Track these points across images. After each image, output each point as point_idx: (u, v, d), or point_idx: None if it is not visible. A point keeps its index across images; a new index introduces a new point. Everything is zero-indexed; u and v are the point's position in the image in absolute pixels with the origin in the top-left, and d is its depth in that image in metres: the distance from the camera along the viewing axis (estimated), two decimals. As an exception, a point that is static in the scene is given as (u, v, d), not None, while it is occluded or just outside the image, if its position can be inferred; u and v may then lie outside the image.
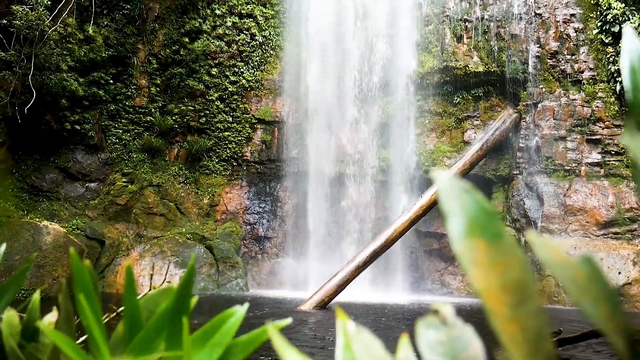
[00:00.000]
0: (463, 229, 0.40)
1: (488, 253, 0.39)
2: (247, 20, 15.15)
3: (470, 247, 0.40)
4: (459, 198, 0.41)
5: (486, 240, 0.40)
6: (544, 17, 13.66)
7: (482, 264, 0.39)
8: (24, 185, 13.38)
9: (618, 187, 12.77)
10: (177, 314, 0.59)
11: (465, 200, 0.41)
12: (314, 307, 10.10)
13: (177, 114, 14.84)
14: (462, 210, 0.41)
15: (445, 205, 0.41)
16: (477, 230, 0.40)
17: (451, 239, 0.41)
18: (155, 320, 0.60)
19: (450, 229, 0.41)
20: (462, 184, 0.43)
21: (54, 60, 12.32)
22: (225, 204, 14.92)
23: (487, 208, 0.41)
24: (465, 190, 0.42)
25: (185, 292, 0.60)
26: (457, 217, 0.41)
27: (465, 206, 0.41)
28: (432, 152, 14.16)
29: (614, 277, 11.56)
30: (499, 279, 0.38)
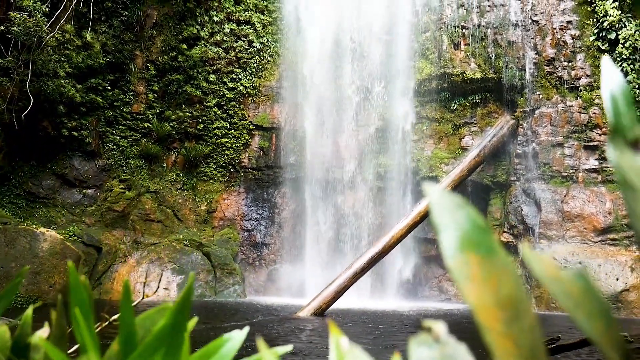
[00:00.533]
0: (456, 244, 0.40)
1: (481, 268, 0.39)
2: (245, 27, 15.19)
3: (463, 262, 0.39)
4: (451, 212, 0.41)
5: (479, 255, 0.39)
6: (541, 24, 13.72)
7: (475, 279, 0.38)
8: (21, 192, 13.34)
9: (615, 194, 12.78)
10: (174, 332, 0.58)
11: (458, 215, 0.41)
12: (312, 314, 10.07)
13: (174, 120, 14.84)
14: (455, 225, 0.40)
15: (438, 220, 0.41)
16: (470, 245, 0.40)
17: (444, 254, 0.41)
18: (152, 338, 0.58)
19: (443, 243, 0.41)
20: (455, 198, 0.42)
21: (52, 66, 12.32)
22: (222, 211, 14.90)
23: (479, 223, 0.40)
24: (458, 205, 0.41)
25: (183, 309, 0.58)
26: (450, 231, 0.40)
27: (457, 220, 0.40)
28: (430, 159, 14.17)
29: (611, 284, 11.55)
30: (492, 295, 0.37)
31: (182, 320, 0.58)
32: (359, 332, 8.00)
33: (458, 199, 0.42)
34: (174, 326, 0.58)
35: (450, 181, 12.67)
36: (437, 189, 0.42)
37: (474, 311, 0.38)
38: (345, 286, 10.75)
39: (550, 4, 13.82)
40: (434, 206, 0.41)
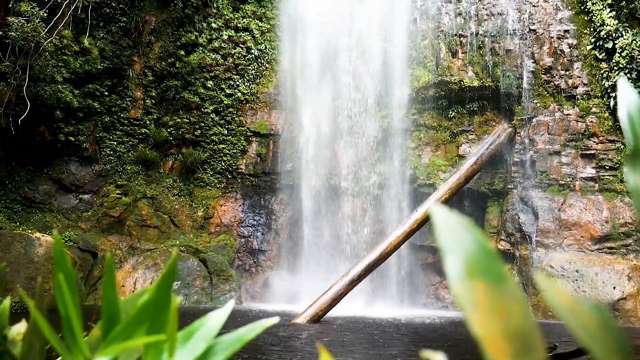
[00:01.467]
0: (462, 270, 0.38)
1: (489, 297, 0.37)
2: (243, 34, 15.21)
3: (469, 290, 0.37)
4: (457, 235, 0.39)
5: (487, 283, 0.37)
6: (538, 33, 13.77)
7: (482, 308, 0.36)
8: (17, 197, 13.29)
9: (612, 202, 12.79)
10: (158, 306, 0.56)
11: (465, 238, 0.39)
12: (308, 321, 10.02)
13: (172, 126, 14.82)
14: (461, 249, 0.38)
15: (443, 243, 0.39)
16: (477, 272, 0.38)
17: (449, 280, 0.39)
18: (136, 312, 0.57)
19: (449, 268, 0.39)
20: (461, 220, 0.40)
21: (49, 71, 12.30)
22: (219, 217, 14.86)
23: (487, 247, 0.39)
24: (464, 227, 0.39)
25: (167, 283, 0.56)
26: (456, 256, 0.38)
27: (464, 245, 0.38)
28: (427, 166, 14.17)
29: (608, 292, 11.54)
30: (500, 325, 0.36)
31: (166, 294, 0.56)
32: (355, 340, 7.96)
33: (465, 221, 0.40)
34: (157, 300, 0.56)
35: (447, 189, 12.67)
36: (443, 209, 0.40)
37: (481, 342, 0.36)
38: (342, 293, 10.72)
39: (548, 13, 13.88)
40: (439, 228, 0.39)
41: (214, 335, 0.61)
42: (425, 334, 9.03)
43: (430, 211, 0.40)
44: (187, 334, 0.60)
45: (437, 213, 0.40)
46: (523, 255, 12.99)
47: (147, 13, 14.64)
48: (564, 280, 11.93)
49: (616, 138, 13.06)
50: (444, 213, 0.40)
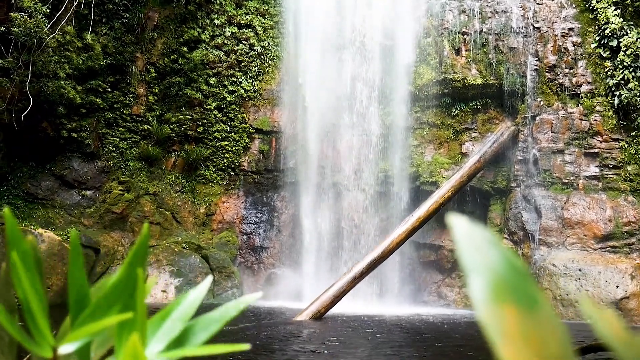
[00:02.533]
0: (489, 292, 0.34)
1: (520, 323, 0.33)
2: (246, 31, 15.17)
3: (498, 315, 0.33)
4: (482, 252, 0.35)
5: (518, 307, 0.33)
6: (543, 31, 13.70)
7: (513, 336, 0.32)
8: (20, 193, 13.29)
9: (616, 201, 12.74)
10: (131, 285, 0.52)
11: (491, 256, 0.35)
12: (310, 318, 10.01)
13: (174, 122, 14.80)
14: (487, 268, 0.34)
15: (466, 260, 0.35)
16: (507, 294, 0.34)
17: (474, 303, 0.35)
18: (105, 294, 0.52)
19: (473, 290, 0.35)
20: (486, 234, 0.37)
21: (52, 67, 12.28)
22: (221, 214, 14.84)
23: (517, 266, 0.35)
24: (490, 243, 0.36)
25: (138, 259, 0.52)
26: (481, 276, 0.34)
27: (490, 263, 0.35)
28: (430, 164, 14.13)
29: (611, 291, 11.50)
30: (534, 356, 0.31)
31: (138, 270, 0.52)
32: (357, 339, 7.95)
33: (490, 235, 0.36)
34: (128, 280, 0.52)
35: (450, 187, 12.63)
36: (464, 222, 0.37)
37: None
38: (344, 290, 10.70)
39: (552, 11, 13.81)
40: (460, 243, 0.36)
41: (192, 314, 0.57)
42: (428, 332, 9.01)
43: (451, 223, 0.37)
44: (164, 314, 0.56)
45: (459, 226, 0.36)
46: (526, 253, 12.95)
47: (149, 9, 14.60)
48: (566, 278, 11.90)
49: (620, 137, 13.00)
50: (466, 226, 0.37)
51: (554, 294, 11.86)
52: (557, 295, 11.81)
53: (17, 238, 0.53)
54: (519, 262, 0.36)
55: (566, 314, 11.59)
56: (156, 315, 0.55)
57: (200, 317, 0.56)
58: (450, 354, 6.85)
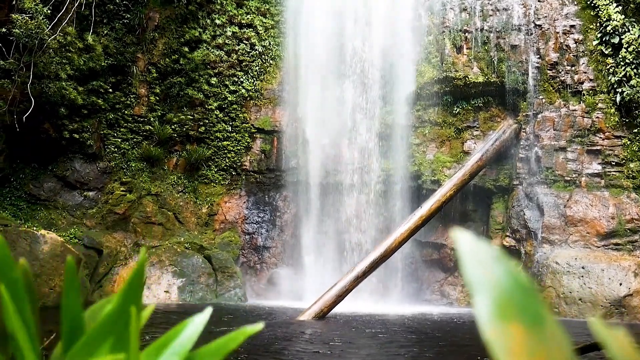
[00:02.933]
0: (494, 309, 0.33)
1: (526, 341, 0.32)
2: (247, 30, 15.16)
3: (503, 333, 0.32)
4: (487, 268, 0.34)
5: (524, 325, 0.32)
6: (544, 28, 13.67)
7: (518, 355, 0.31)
8: (22, 194, 13.30)
9: (619, 198, 12.71)
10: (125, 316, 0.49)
11: (496, 272, 0.34)
12: (313, 318, 10.01)
13: (176, 123, 14.80)
14: (492, 284, 0.33)
15: (470, 277, 0.34)
16: (512, 312, 0.33)
17: (479, 321, 0.34)
18: (99, 324, 0.49)
19: (477, 307, 0.34)
20: (490, 249, 0.36)
21: (53, 68, 12.29)
22: (224, 214, 14.85)
23: (523, 282, 0.34)
24: (495, 258, 0.35)
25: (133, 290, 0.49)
26: (486, 293, 0.33)
27: (495, 279, 0.34)
28: (432, 162, 14.11)
29: (614, 289, 11.48)
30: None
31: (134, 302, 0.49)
32: (360, 338, 7.94)
33: (494, 250, 0.35)
34: (123, 311, 0.49)
35: (452, 185, 12.61)
36: (469, 237, 0.36)
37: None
38: (347, 290, 10.69)
39: (554, 8, 13.77)
40: (465, 259, 0.35)
41: (189, 347, 0.55)
42: (431, 331, 9.00)
43: (454, 238, 0.36)
44: (159, 346, 0.52)
45: (462, 241, 0.35)
46: (529, 251, 12.93)
47: (150, 10, 14.60)
48: (569, 276, 11.88)
49: (622, 134, 12.97)
50: (470, 241, 0.36)
51: (557, 292, 11.84)
52: (560, 293, 11.79)
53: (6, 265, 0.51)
54: (525, 278, 0.35)
55: (569, 311, 11.56)
56: (151, 346, 0.52)
57: (198, 350, 0.54)
58: (455, 354, 6.84)
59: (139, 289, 0.50)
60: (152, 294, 12.30)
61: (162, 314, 10.07)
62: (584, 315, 11.42)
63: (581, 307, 11.54)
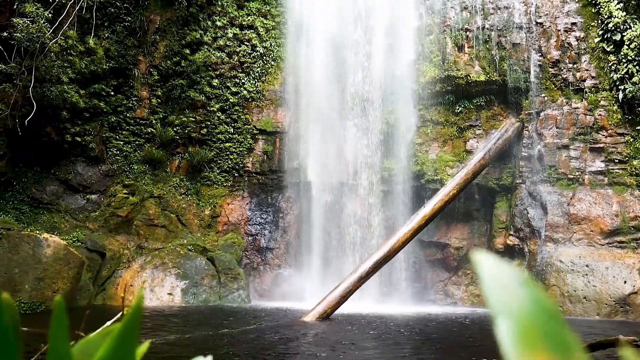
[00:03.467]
0: (519, 337, 0.30)
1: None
2: (248, 32, 15.15)
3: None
4: (511, 293, 0.32)
5: (551, 354, 0.30)
6: (545, 26, 13.63)
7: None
8: (25, 198, 13.31)
9: (622, 196, 12.67)
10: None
11: (520, 297, 0.32)
12: (317, 319, 9.99)
13: (178, 125, 14.80)
14: (517, 311, 0.31)
15: (493, 302, 0.32)
16: (538, 340, 0.30)
17: (501, 349, 0.32)
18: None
19: (501, 334, 0.31)
20: (514, 272, 0.33)
21: (55, 72, 12.29)
22: (226, 215, 14.83)
23: (550, 308, 0.31)
24: (520, 282, 0.33)
25: (130, 331, 0.45)
26: (510, 319, 0.31)
27: (520, 305, 0.31)
28: (435, 162, 14.08)
29: (619, 287, 11.44)
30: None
31: (129, 346, 0.46)
32: (364, 339, 7.92)
33: (519, 274, 0.33)
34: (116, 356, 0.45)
35: (455, 184, 12.58)
36: (491, 260, 0.34)
37: None
38: (351, 290, 10.67)
39: (555, 6, 13.73)
40: (486, 282, 0.32)
41: None
42: (436, 332, 8.98)
43: (476, 260, 0.34)
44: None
45: (485, 264, 0.33)
46: (532, 250, 12.89)
47: (151, 12, 14.60)
48: (574, 275, 11.84)
49: (625, 131, 12.93)
50: (492, 264, 0.33)
51: (561, 291, 11.81)
52: (564, 292, 11.76)
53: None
54: (552, 304, 0.32)
55: (574, 310, 11.53)
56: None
57: None
58: (462, 356, 6.81)
59: (136, 330, 0.46)
60: (155, 296, 12.30)
61: (163, 317, 10.06)
62: (589, 314, 11.39)
63: (586, 306, 11.50)
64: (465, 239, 14.23)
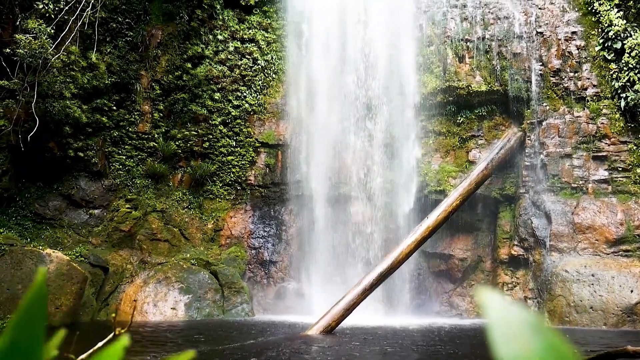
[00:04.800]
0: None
1: None
2: (249, 45, 15.21)
3: None
4: (522, 341, 0.28)
5: None
6: (546, 36, 13.66)
7: None
8: (28, 213, 13.31)
9: (627, 204, 12.60)
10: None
11: (533, 345, 0.28)
12: (321, 332, 9.91)
13: (180, 139, 14.82)
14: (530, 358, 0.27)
15: (502, 349, 0.28)
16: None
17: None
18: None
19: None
20: (526, 316, 0.29)
21: (57, 87, 12.34)
22: (229, 229, 14.80)
23: (567, 354, 0.27)
24: (532, 327, 0.28)
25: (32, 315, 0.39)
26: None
27: (533, 351, 0.27)
28: (437, 172, 14.05)
29: (626, 296, 11.34)
30: None
31: (33, 328, 0.40)
32: (369, 353, 7.85)
33: (531, 317, 0.29)
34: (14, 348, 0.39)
35: (458, 195, 12.54)
36: (499, 301, 0.30)
37: None
38: (355, 303, 10.60)
39: (555, 15, 13.77)
40: (495, 329, 0.29)
41: None
42: (442, 345, 8.89)
43: (482, 302, 0.31)
44: None
45: (492, 306, 0.29)
46: (537, 260, 12.81)
47: (153, 27, 14.69)
48: (579, 284, 11.74)
49: (628, 139, 12.89)
50: (500, 306, 0.29)
51: (567, 301, 11.71)
52: (570, 302, 11.66)
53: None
54: (569, 349, 0.28)
55: (580, 320, 11.42)
56: None
57: None
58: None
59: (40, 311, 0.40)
60: (158, 311, 12.23)
61: (166, 332, 10.00)
62: (596, 324, 11.28)
63: (592, 316, 11.40)
64: (470, 249, 14.15)
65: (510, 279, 13.25)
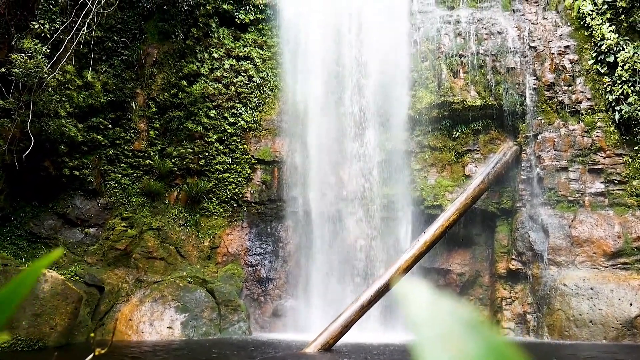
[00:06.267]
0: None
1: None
2: (244, 63, 15.28)
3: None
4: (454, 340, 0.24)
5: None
6: (539, 50, 13.76)
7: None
8: (22, 233, 13.22)
9: (624, 217, 12.59)
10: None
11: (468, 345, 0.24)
12: (319, 350, 9.81)
13: (176, 156, 14.80)
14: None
15: (427, 352, 0.24)
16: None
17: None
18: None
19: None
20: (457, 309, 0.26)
21: (53, 106, 12.35)
22: (226, 246, 14.72)
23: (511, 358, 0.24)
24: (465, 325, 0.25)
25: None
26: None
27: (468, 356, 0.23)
28: (434, 187, 14.04)
29: (625, 309, 11.27)
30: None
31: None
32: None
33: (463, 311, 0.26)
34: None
35: (455, 210, 12.52)
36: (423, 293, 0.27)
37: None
38: (353, 320, 10.51)
39: (547, 30, 13.89)
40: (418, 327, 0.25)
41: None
42: None
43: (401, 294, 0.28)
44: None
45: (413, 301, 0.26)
46: (536, 274, 12.74)
47: (149, 45, 14.75)
48: (578, 298, 11.67)
49: (623, 151, 12.93)
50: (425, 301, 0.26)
51: (566, 315, 11.63)
52: (569, 316, 11.57)
53: None
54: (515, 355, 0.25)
55: (580, 334, 11.33)
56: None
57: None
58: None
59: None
60: (154, 330, 12.10)
61: (164, 353, 9.87)
62: (595, 338, 11.19)
63: (592, 330, 11.31)
64: (467, 264, 14.09)
65: (509, 293, 13.17)
